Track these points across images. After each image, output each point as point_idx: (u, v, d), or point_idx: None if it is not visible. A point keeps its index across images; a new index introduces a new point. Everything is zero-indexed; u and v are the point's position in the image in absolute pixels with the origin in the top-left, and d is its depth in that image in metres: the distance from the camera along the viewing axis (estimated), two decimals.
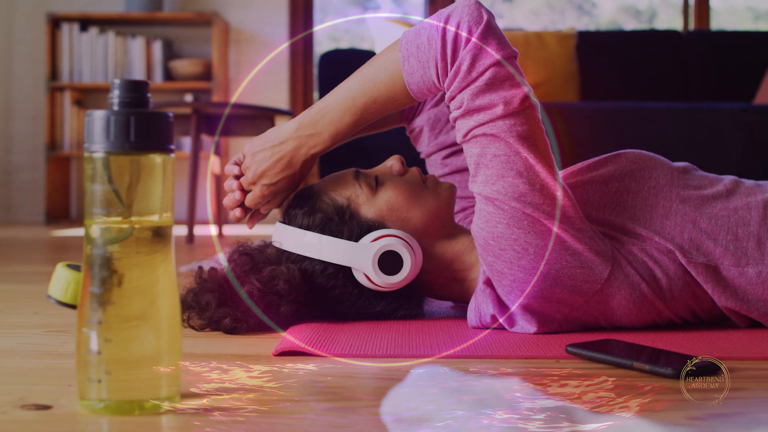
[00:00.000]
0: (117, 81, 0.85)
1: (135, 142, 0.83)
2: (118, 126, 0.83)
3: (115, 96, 0.85)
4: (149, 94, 0.86)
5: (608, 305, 1.25)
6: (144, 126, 0.84)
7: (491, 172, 1.19)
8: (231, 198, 1.37)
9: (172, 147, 0.87)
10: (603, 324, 1.28)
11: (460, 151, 1.59)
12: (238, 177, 1.38)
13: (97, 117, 0.84)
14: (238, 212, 1.38)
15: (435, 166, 1.62)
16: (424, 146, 1.63)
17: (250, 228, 1.46)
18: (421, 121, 1.61)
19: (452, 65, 1.19)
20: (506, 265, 1.21)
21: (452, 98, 1.21)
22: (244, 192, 1.37)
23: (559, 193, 1.20)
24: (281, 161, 1.32)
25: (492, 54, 1.17)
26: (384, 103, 1.27)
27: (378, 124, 1.58)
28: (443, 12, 1.21)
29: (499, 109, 1.18)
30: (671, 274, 1.26)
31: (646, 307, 1.26)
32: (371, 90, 1.26)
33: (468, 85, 1.18)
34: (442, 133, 1.60)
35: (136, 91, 0.85)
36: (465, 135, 1.21)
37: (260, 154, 1.33)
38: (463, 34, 1.18)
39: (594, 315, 1.26)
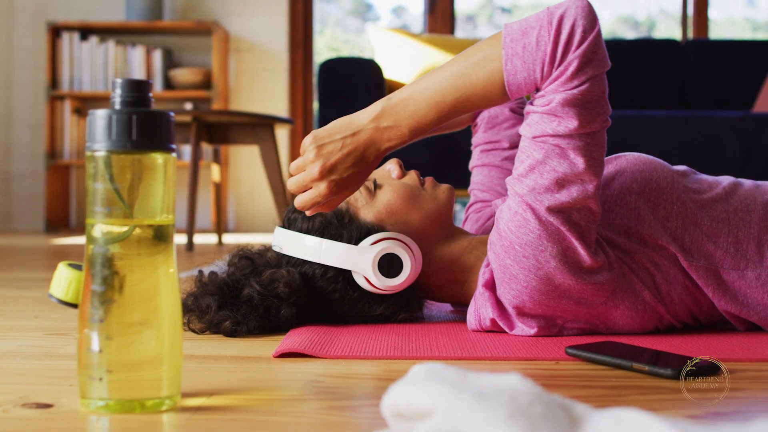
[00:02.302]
0: (119, 80, 0.85)
1: (137, 141, 0.84)
2: (119, 125, 0.84)
3: (116, 95, 0.85)
4: (151, 94, 0.87)
5: (611, 315, 1.25)
6: (145, 125, 0.84)
7: (543, 183, 1.17)
8: (309, 198, 1.24)
9: (174, 146, 0.87)
10: (603, 330, 1.28)
11: (499, 149, 1.61)
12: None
13: (99, 116, 0.84)
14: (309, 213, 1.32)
15: (472, 157, 1.66)
16: (474, 138, 1.66)
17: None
18: (482, 115, 1.64)
19: (558, 66, 1.14)
20: (523, 272, 1.21)
21: (542, 95, 1.17)
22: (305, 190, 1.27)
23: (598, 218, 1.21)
24: (353, 154, 1.21)
25: (597, 66, 1.14)
26: (476, 101, 1.18)
27: (452, 124, 1.58)
28: (554, 11, 1.15)
29: (580, 126, 1.15)
30: (671, 279, 1.26)
31: (648, 314, 1.27)
32: (465, 87, 1.17)
33: (564, 91, 1.14)
34: (491, 131, 1.62)
35: (137, 90, 0.86)
36: (536, 135, 1.17)
37: (329, 146, 1.21)
38: (576, 37, 1.13)
39: (595, 323, 1.27)
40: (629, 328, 1.27)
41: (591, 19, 1.14)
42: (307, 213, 1.27)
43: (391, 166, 1.42)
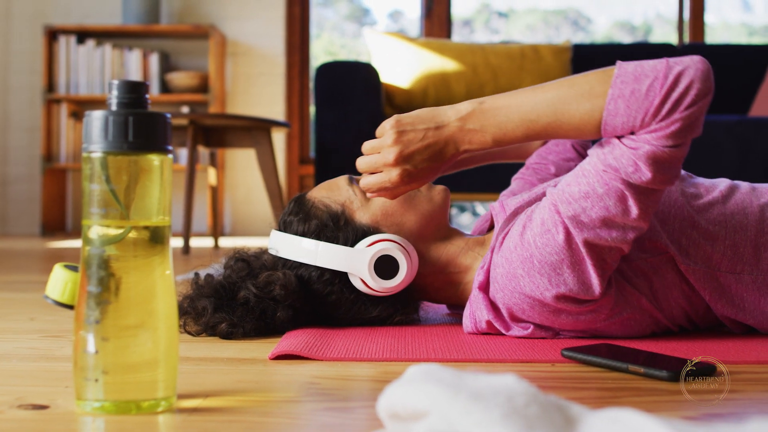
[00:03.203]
0: (115, 82, 0.86)
1: (133, 142, 0.84)
2: (116, 126, 0.84)
3: (113, 96, 0.85)
4: (147, 95, 0.87)
5: (608, 326, 1.25)
6: (142, 126, 0.84)
7: (590, 215, 1.16)
8: (377, 181, 1.24)
9: (170, 148, 0.87)
10: (599, 335, 1.28)
11: (545, 171, 1.62)
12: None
13: (96, 117, 0.84)
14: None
15: (521, 170, 1.67)
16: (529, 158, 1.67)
17: None
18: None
19: (660, 121, 1.10)
20: (530, 285, 1.21)
21: (633, 135, 1.13)
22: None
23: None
24: (432, 148, 1.20)
25: (694, 132, 1.12)
26: (567, 130, 1.16)
27: (511, 154, 1.61)
28: (674, 66, 1.11)
29: (651, 182, 1.13)
30: (668, 283, 1.26)
31: (645, 320, 1.27)
32: (562, 113, 1.15)
33: (655, 145, 1.11)
34: (545, 152, 1.64)
35: (134, 91, 0.86)
36: (606, 168, 1.14)
37: (410, 134, 1.20)
38: (688, 99, 1.09)
39: (590, 332, 1.27)
40: (626, 335, 1.27)
41: (707, 85, 1.10)
42: (369, 195, 1.26)
43: None
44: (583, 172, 1.18)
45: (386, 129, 1.21)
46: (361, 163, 1.25)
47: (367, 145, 1.24)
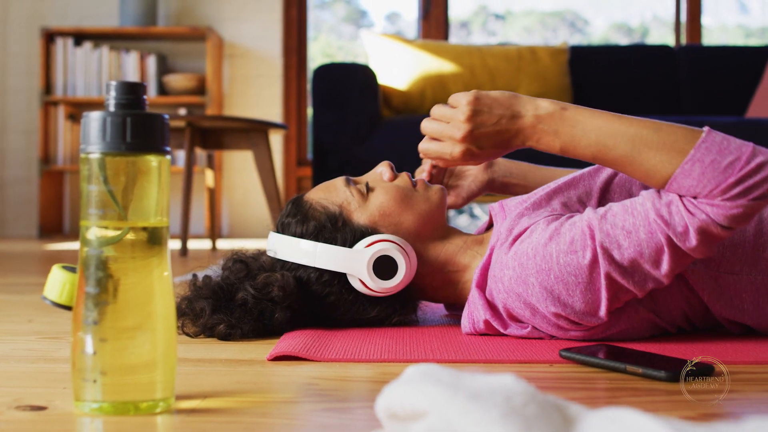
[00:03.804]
0: (113, 83, 0.86)
1: (131, 143, 0.84)
2: (114, 127, 0.84)
3: (111, 97, 0.85)
4: (145, 96, 0.87)
5: (606, 333, 1.25)
6: (140, 127, 0.84)
7: (623, 253, 1.16)
8: (437, 150, 1.23)
9: (168, 149, 0.87)
10: (597, 339, 1.28)
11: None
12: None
13: (94, 118, 0.84)
14: (430, 172, 1.32)
15: None
16: None
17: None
18: None
19: (726, 200, 1.11)
20: (539, 295, 1.20)
21: (693, 202, 1.13)
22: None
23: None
24: (502, 135, 1.19)
25: (747, 222, 1.14)
26: (634, 169, 1.16)
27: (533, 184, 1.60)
28: (758, 153, 1.11)
29: (694, 250, 1.14)
30: (668, 286, 1.26)
31: (644, 326, 1.27)
32: (638, 153, 1.15)
33: (711, 220, 1.12)
34: None
35: (132, 92, 0.86)
36: (657, 219, 1.14)
37: (485, 116, 1.18)
38: (759, 190, 1.10)
39: (587, 337, 1.27)
40: (624, 338, 1.27)
41: None
42: (424, 164, 1.24)
43: (383, 169, 1.42)
44: (632, 211, 1.18)
45: (462, 103, 1.20)
46: (427, 127, 1.23)
47: (437, 111, 1.23)
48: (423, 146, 1.25)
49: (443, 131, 1.21)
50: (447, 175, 1.60)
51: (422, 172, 1.51)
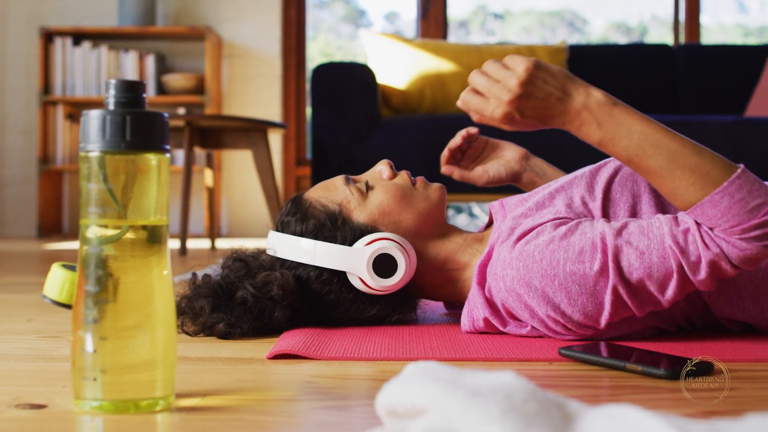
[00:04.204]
0: (113, 81, 0.85)
1: (131, 141, 0.84)
2: (113, 125, 0.84)
3: (110, 96, 0.85)
4: (145, 95, 0.87)
5: (605, 337, 1.25)
6: (139, 125, 0.84)
7: (632, 271, 1.16)
8: (479, 105, 1.21)
9: (168, 147, 0.87)
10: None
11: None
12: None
13: (93, 116, 0.84)
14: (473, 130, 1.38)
15: None
16: None
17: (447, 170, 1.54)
18: None
19: (742, 239, 1.12)
20: (540, 299, 1.20)
21: (710, 235, 1.15)
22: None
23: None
24: (545, 111, 1.19)
25: (756, 266, 1.16)
26: (664, 183, 1.16)
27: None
28: None
29: (702, 283, 1.16)
30: None
31: (644, 327, 1.27)
32: (673, 169, 1.15)
33: (726, 251, 1.13)
34: None
35: (131, 91, 0.86)
36: (672, 245, 1.15)
37: (537, 86, 1.18)
38: None
39: (587, 336, 1.27)
40: (623, 337, 1.27)
41: None
42: (459, 104, 1.22)
43: (382, 167, 1.42)
44: (648, 232, 1.18)
45: (519, 68, 1.18)
46: (476, 80, 1.21)
47: (490, 68, 1.21)
48: (466, 97, 1.22)
49: (491, 89, 1.19)
50: (482, 149, 1.64)
51: (455, 143, 1.58)
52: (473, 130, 1.59)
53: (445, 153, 1.62)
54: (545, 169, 1.62)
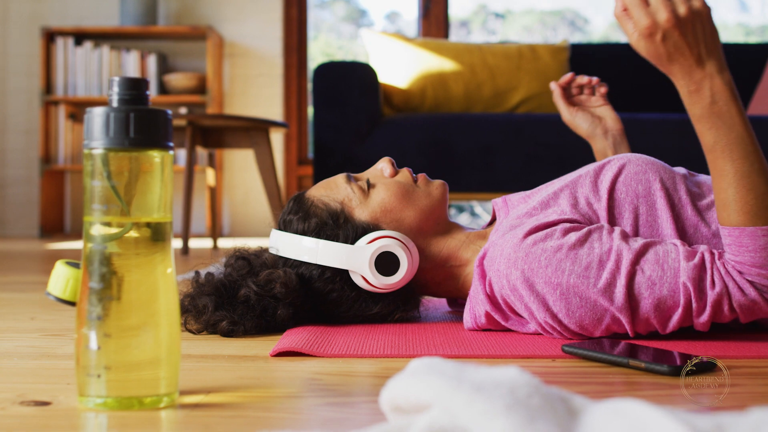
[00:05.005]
0: (116, 78, 0.86)
1: (134, 138, 0.84)
2: (117, 122, 0.84)
3: (114, 93, 0.85)
4: (148, 92, 0.87)
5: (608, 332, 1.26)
6: (143, 123, 0.84)
7: (642, 300, 1.17)
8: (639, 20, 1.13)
9: (171, 144, 0.87)
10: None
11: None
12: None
13: (97, 114, 0.84)
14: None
15: None
16: None
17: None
18: None
19: (761, 274, 1.14)
20: (536, 303, 1.21)
21: (720, 260, 1.17)
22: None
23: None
24: (683, 54, 1.13)
25: (758, 317, 1.19)
26: (719, 189, 1.17)
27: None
28: None
29: (701, 323, 1.18)
30: None
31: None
32: (738, 185, 1.15)
33: (739, 282, 1.16)
34: None
35: (135, 88, 0.86)
36: (691, 282, 1.16)
37: (698, 29, 1.13)
38: None
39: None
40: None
41: None
42: (616, 14, 1.16)
43: (384, 165, 1.42)
44: (663, 264, 1.18)
45: (695, 4, 1.13)
46: None
47: None
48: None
49: (659, 1, 1.13)
50: (585, 91, 1.71)
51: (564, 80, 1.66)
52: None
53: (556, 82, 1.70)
54: (623, 152, 1.66)
